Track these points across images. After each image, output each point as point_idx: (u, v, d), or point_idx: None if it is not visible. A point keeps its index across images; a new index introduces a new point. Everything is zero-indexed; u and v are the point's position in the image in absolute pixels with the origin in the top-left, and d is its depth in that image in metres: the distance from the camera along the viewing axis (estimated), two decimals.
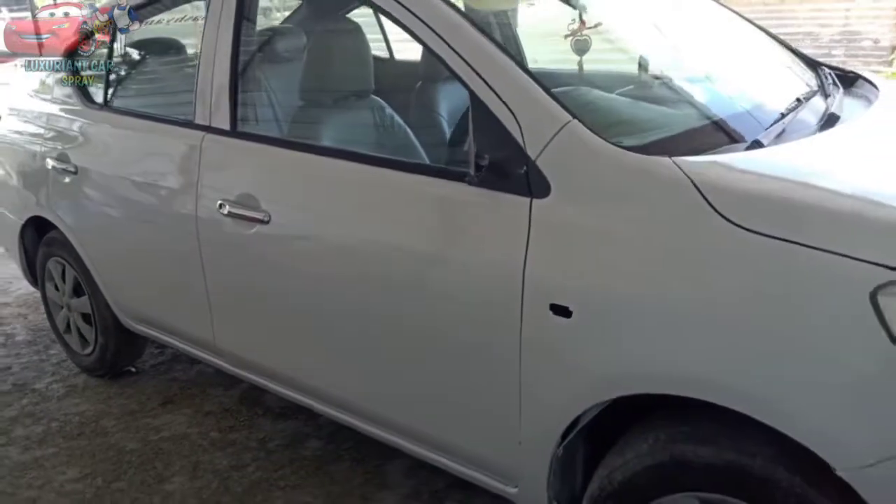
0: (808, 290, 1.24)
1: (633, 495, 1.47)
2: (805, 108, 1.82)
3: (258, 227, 2.01)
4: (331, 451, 2.47)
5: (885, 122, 1.81)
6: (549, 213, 1.51)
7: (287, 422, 2.65)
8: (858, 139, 1.68)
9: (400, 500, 2.22)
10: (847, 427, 1.20)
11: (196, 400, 2.87)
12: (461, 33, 1.66)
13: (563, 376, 1.51)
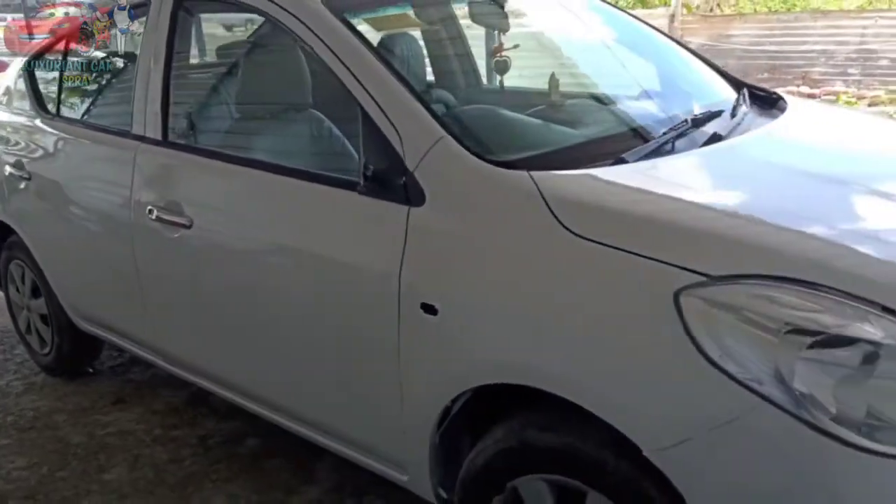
0: (625, 290, 1.45)
1: (491, 478, 1.69)
2: (691, 127, 2.02)
3: (182, 232, 2.27)
4: (266, 449, 2.70)
5: (760, 144, 2.01)
6: (422, 220, 1.74)
7: (229, 421, 2.88)
8: (723, 158, 1.89)
9: (323, 493, 2.45)
10: (652, 413, 1.41)
11: (146, 399, 3.13)
12: (356, 53, 1.90)
13: (433, 368, 1.74)
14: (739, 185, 1.76)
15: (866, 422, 1.28)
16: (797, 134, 2.15)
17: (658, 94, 2.45)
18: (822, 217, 1.58)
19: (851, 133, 2.29)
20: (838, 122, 2.43)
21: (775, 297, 1.34)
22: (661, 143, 1.88)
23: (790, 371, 1.29)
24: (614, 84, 2.56)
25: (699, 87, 2.54)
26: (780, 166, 1.88)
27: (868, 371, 1.31)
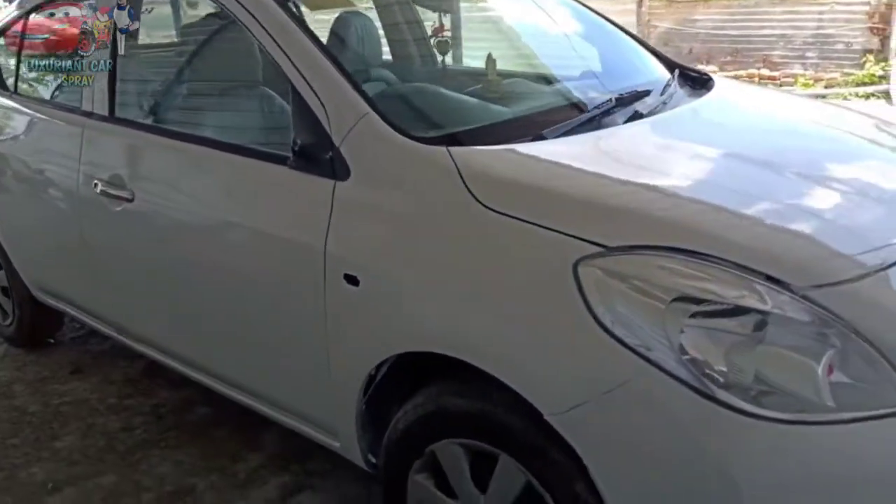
0: (529, 261, 1.48)
1: (411, 442, 1.71)
2: (616, 105, 2.03)
3: (124, 205, 2.27)
4: (216, 417, 2.71)
5: (678, 122, 2.03)
6: (347, 194, 1.75)
7: (182, 391, 2.88)
8: (638, 135, 1.91)
9: (267, 459, 2.47)
10: (551, 379, 1.44)
11: (104, 369, 3.13)
12: (287, 31, 1.90)
13: (356, 338, 1.76)
14: (647, 161, 1.78)
15: (753, 387, 1.31)
16: (716, 112, 2.17)
17: (593, 74, 2.45)
18: (719, 191, 1.61)
19: (769, 112, 2.32)
20: (759, 102, 2.45)
21: (664, 266, 1.37)
22: (582, 120, 1.90)
23: (676, 338, 1.32)
24: (553, 64, 2.59)
25: (634, 67, 2.56)
26: (692, 142, 1.91)
27: (755, 339, 1.34)
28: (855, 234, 1.51)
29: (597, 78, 2.43)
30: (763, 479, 1.29)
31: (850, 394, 1.32)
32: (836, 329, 1.32)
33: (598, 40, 2.70)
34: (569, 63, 2.60)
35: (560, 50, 2.70)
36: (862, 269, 1.39)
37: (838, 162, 1.85)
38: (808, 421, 1.30)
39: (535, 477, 1.51)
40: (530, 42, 2.76)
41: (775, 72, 9.09)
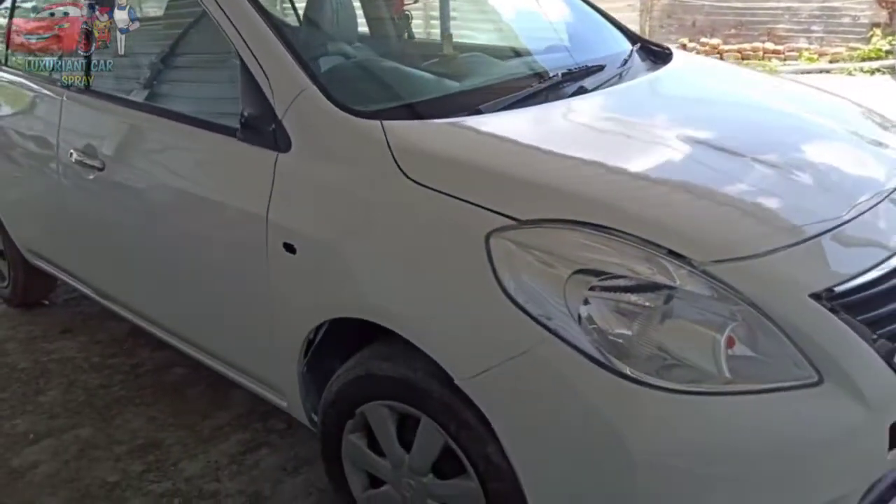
0: (447, 232, 1.50)
1: (343, 403, 1.75)
2: (565, 80, 2.03)
3: (96, 174, 2.30)
4: (190, 378, 2.77)
5: (620, 97, 2.02)
6: (288, 165, 1.76)
7: (161, 351, 2.94)
8: (577, 110, 1.90)
9: (233, 417, 2.52)
10: (461, 345, 1.46)
11: (91, 330, 3.20)
12: (240, 10, 1.90)
13: (294, 302, 1.78)
14: (573, 136, 1.78)
15: (654, 358, 1.32)
16: (661, 87, 2.16)
17: (554, 49, 2.44)
18: (636, 165, 1.60)
19: (717, 86, 2.29)
20: (711, 77, 2.41)
21: (569, 239, 1.38)
22: (522, 95, 1.89)
23: (576, 308, 1.33)
24: (516, 38, 2.56)
25: (597, 42, 2.53)
26: (628, 117, 1.90)
27: (662, 312, 1.35)
28: (766, 211, 1.50)
29: (556, 52, 2.42)
30: (655, 446, 1.30)
31: (749, 366, 1.33)
32: (737, 304, 1.32)
33: (564, 15, 2.67)
34: (533, 36, 2.59)
35: (526, 23, 2.68)
36: (765, 246, 1.39)
37: (772, 139, 1.83)
38: (703, 391, 1.31)
39: (452, 438, 1.54)
40: (497, 16, 2.73)
41: (779, 45, 8.93)
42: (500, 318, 1.39)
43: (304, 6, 2.66)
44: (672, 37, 9.63)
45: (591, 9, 2.69)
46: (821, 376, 1.32)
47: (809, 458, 1.34)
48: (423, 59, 2.40)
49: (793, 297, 1.34)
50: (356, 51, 2.30)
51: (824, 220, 1.47)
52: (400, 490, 1.71)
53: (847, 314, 1.36)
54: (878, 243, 1.50)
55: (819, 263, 1.41)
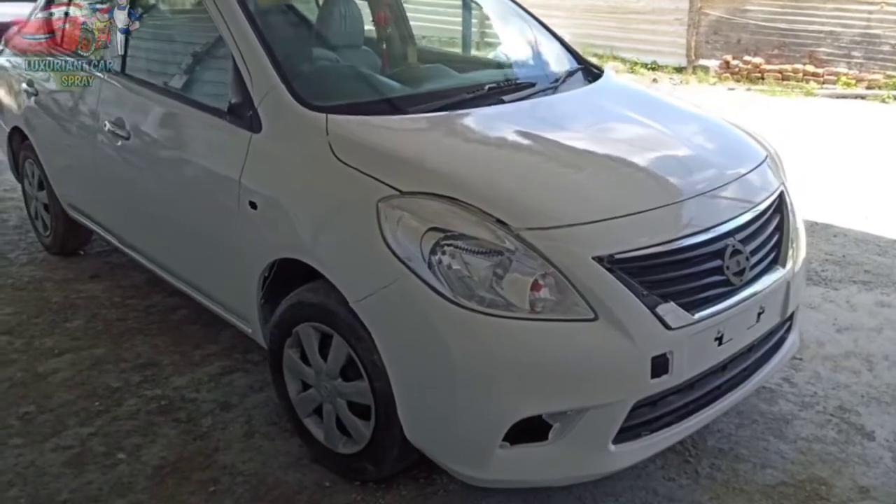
0: (354, 198, 2.19)
1: (284, 325, 2.45)
2: (489, 93, 2.72)
3: (123, 142, 3.08)
4: (191, 318, 3.53)
5: (525, 109, 2.69)
6: (259, 143, 2.49)
7: (172, 298, 3.71)
8: (484, 117, 2.57)
9: (220, 349, 3.26)
10: (356, 278, 2.15)
11: (116, 276, 4.00)
12: (236, 20, 2.64)
13: (254, 247, 2.50)
14: (465, 135, 2.48)
15: (482, 293, 1.98)
16: (566, 104, 2.80)
17: (503, 64, 3.14)
18: (497, 158, 2.32)
19: (611, 104, 2.91)
20: (615, 96, 3.02)
21: (430, 206, 2.07)
22: (445, 103, 2.59)
23: (427, 254, 2.01)
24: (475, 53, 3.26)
25: (544, 61, 3.22)
26: (517, 125, 2.55)
27: (498, 264, 2.01)
28: (578, 196, 2.17)
29: (504, 68, 3.13)
30: (471, 355, 1.98)
31: (547, 305, 2.00)
32: (541, 260, 1.99)
33: (525, 38, 3.36)
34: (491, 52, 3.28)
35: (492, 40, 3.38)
36: (565, 220, 2.06)
37: (620, 147, 2.48)
38: (510, 317, 1.98)
39: (352, 349, 2.23)
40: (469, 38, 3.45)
41: (819, 68, 9.36)
42: (380, 259, 2.07)
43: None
44: (717, 53, 10.14)
45: (551, 35, 3.37)
46: (596, 315, 1.98)
47: (585, 370, 2.00)
48: (391, 65, 3.15)
49: (580, 258, 2.00)
50: (338, 54, 3.00)
51: (624, 208, 2.14)
52: (320, 391, 2.41)
53: (624, 274, 2.02)
54: (665, 229, 2.15)
55: (606, 236, 2.06)
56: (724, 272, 2.16)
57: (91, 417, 2.81)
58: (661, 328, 2.01)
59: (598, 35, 11.08)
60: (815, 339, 3.33)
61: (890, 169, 6.02)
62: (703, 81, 9.91)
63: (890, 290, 3.83)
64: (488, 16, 3.73)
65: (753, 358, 2.39)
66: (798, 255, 2.49)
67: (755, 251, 2.28)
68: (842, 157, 6.37)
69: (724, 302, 2.14)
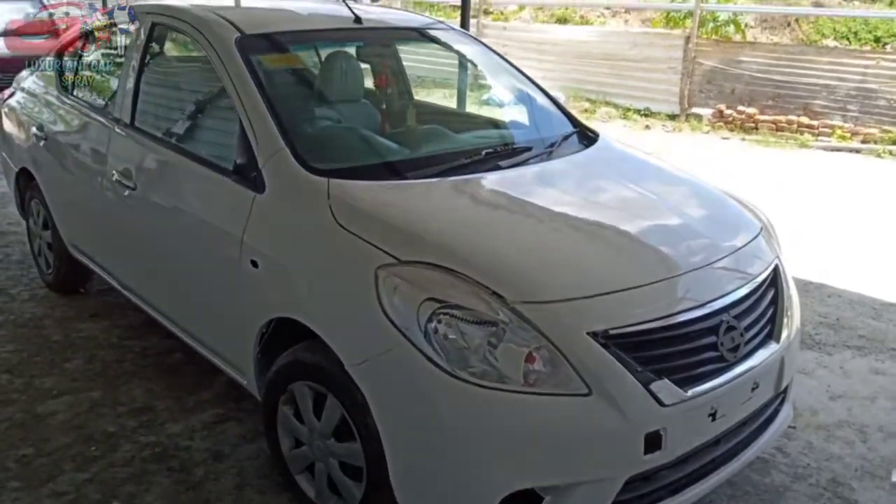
0: (353, 263, 2.21)
1: (279, 382, 2.46)
2: (487, 158, 2.76)
3: (130, 192, 3.11)
4: (187, 362, 3.53)
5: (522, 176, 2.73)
6: (262, 204, 2.52)
7: (168, 340, 3.70)
8: (480, 184, 2.62)
9: (213, 396, 3.27)
10: (352, 342, 2.17)
11: (115, 316, 4.01)
12: (244, 83, 2.69)
13: (253, 304, 2.52)
14: (462, 203, 2.51)
15: (477, 365, 2.00)
16: (561, 171, 2.83)
17: (497, 127, 3.19)
18: (493, 229, 2.34)
19: (603, 172, 2.94)
20: (607, 164, 3.05)
21: (428, 275, 2.10)
22: (444, 168, 2.63)
23: (423, 324, 2.04)
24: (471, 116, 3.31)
25: (538, 125, 3.26)
26: (516, 193, 2.59)
27: (494, 335, 2.03)
28: (573, 270, 2.20)
29: (501, 129, 3.17)
30: (463, 424, 1.99)
31: (540, 378, 2.01)
32: (535, 333, 2.01)
33: (520, 99, 3.41)
34: (488, 115, 3.33)
35: (487, 105, 3.43)
36: (561, 295, 2.08)
37: (618, 217, 2.51)
38: (503, 389, 1.99)
39: (346, 411, 2.24)
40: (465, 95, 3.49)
41: (814, 121, 9.45)
42: (376, 325, 2.09)
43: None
44: (711, 101, 10.24)
45: (546, 95, 3.42)
46: (590, 390, 2.00)
47: (577, 445, 2.01)
48: (391, 123, 3.20)
49: (574, 333, 2.02)
50: (339, 115, 3.05)
51: (620, 282, 2.16)
52: (312, 449, 2.42)
53: (618, 350, 2.03)
54: (661, 304, 2.17)
55: (601, 311, 2.08)
56: (718, 348, 2.18)
57: (87, 463, 2.82)
58: (655, 405, 2.02)
59: (592, 81, 11.18)
60: (808, 406, 3.31)
61: (885, 227, 6.05)
62: (696, 130, 9.99)
63: (884, 356, 3.82)
64: (484, 75, 3.78)
65: (747, 431, 2.39)
66: (792, 328, 2.51)
67: (750, 326, 2.30)
68: (837, 213, 6.41)
69: (717, 378, 2.16)
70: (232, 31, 2.88)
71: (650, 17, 14.76)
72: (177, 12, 3.22)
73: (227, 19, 2.97)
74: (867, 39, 14.42)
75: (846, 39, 14.29)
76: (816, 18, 14.96)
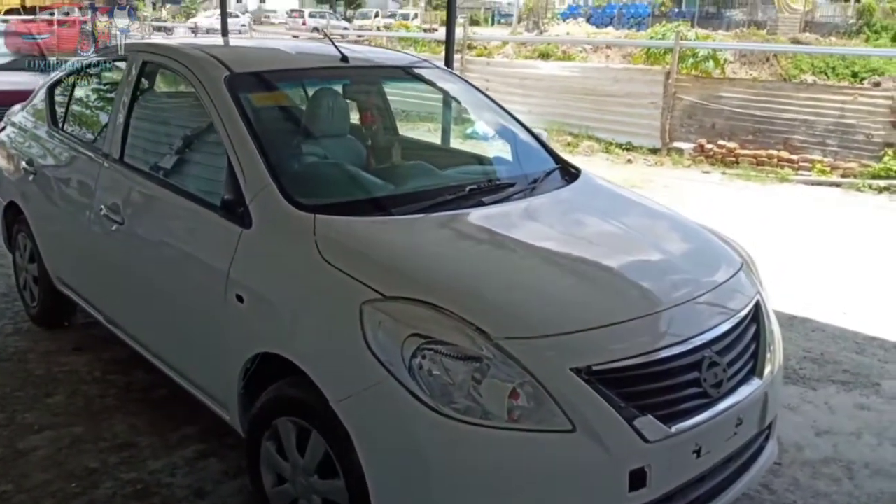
0: (338, 298, 2.21)
1: (264, 418, 2.44)
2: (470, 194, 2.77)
3: (117, 226, 3.10)
4: (170, 398, 3.48)
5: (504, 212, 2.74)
6: (248, 239, 2.52)
7: (152, 374, 3.64)
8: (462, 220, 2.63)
9: (196, 432, 3.23)
10: (336, 377, 2.16)
11: (98, 350, 3.97)
12: (233, 121, 2.70)
13: (237, 339, 2.51)
14: (445, 239, 2.52)
15: (461, 400, 2.00)
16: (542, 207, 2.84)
17: (481, 163, 3.21)
18: (476, 263, 2.36)
19: (583, 208, 2.96)
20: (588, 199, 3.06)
21: (412, 311, 2.09)
22: (429, 204, 2.64)
23: (408, 359, 2.03)
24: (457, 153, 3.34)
25: (522, 161, 3.29)
26: (498, 228, 2.61)
27: (477, 370, 2.03)
28: (555, 305, 2.20)
29: (485, 165, 3.19)
30: (449, 459, 1.98)
31: (524, 414, 2.01)
32: (519, 369, 2.01)
33: (503, 136, 3.44)
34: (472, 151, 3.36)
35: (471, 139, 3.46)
36: (543, 330, 2.08)
37: (600, 252, 2.53)
38: (487, 425, 1.98)
39: (330, 447, 2.22)
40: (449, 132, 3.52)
41: (794, 155, 9.57)
42: (361, 361, 2.09)
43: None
44: (692, 136, 10.36)
45: (528, 132, 3.45)
46: (574, 427, 1.99)
47: (561, 482, 2.00)
48: (376, 159, 3.22)
49: (557, 369, 2.02)
50: (326, 151, 3.06)
51: (603, 318, 2.16)
52: (295, 486, 2.39)
53: (601, 386, 2.03)
54: (643, 340, 2.18)
55: (584, 347, 2.09)
56: (701, 384, 2.18)
57: (67, 499, 2.78)
58: (639, 441, 2.01)
59: (574, 115, 11.27)
60: (793, 442, 3.30)
61: (867, 261, 6.11)
62: (677, 164, 10.08)
63: (869, 391, 3.82)
64: (468, 111, 3.82)
65: (732, 468, 2.38)
66: (775, 363, 2.51)
67: (732, 362, 2.31)
68: (819, 247, 6.46)
69: (701, 414, 2.15)
70: (221, 70, 2.90)
71: (631, 53, 14.98)
72: (167, 51, 3.25)
73: (217, 58, 2.99)
74: (845, 75, 14.72)
75: (824, 74, 14.58)
76: (794, 54, 15.26)
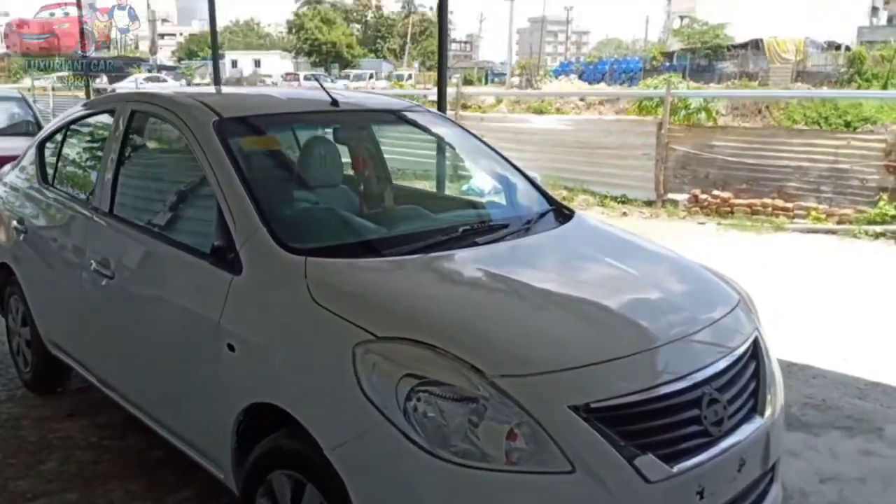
0: (331, 341, 2.17)
1: (257, 472, 2.37)
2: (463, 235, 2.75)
3: (107, 281, 3.07)
4: (166, 460, 3.40)
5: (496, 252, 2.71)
6: (239, 286, 2.49)
7: (146, 437, 3.58)
8: (454, 261, 2.61)
9: (192, 494, 3.15)
10: (331, 424, 2.10)
11: (93, 414, 3.90)
12: (222, 167, 2.69)
13: (229, 391, 2.45)
14: (437, 279, 2.50)
15: (457, 443, 1.94)
16: (535, 247, 2.84)
17: (474, 206, 3.21)
18: (469, 303, 2.32)
19: (576, 247, 2.94)
20: (582, 239, 3.05)
21: (405, 351, 2.05)
22: (421, 245, 2.62)
23: (402, 402, 1.98)
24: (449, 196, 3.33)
25: (515, 203, 3.28)
26: (491, 268, 2.57)
27: (473, 412, 1.98)
28: (551, 343, 2.16)
29: (478, 208, 3.19)
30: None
31: (522, 455, 1.95)
32: (517, 408, 1.95)
33: (497, 178, 3.44)
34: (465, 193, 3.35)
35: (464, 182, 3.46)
36: (540, 368, 2.04)
37: (593, 292, 2.50)
38: (485, 468, 1.92)
39: (325, 498, 2.15)
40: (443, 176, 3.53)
41: (789, 203, 9.57)
42: (355, 405, 2.03)
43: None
44: (685, 187, 10.38)
45: (522, 175, 3.45)
46: (574, 468, 1.92)
47: None
48: (369, 205, 3.22)
49: (555, 407, 1.97)
50: (316, 195, 3.05)
51: (600, 354, 2.12)
52: None
53: (600, 424, 1.97)
54: (641, 376, 2.13)
55: (582, 384, 2.04)
56: (702, 422, 2.12)
57: None
58: (640, 481, 1.95)
59: (568, 169, 11.29)
60: (798, 488, 3.21)
61: (865, 307, 6.04)
62: (672, 215, 10.08)
63: (872, 436, 3.74)
64: (461, 157, 3.83)
65: None
66: (776, 403, 2.45)
67: (733, 399, 2.25)
68: (817, 294, 6.40)
69: (703, 454, 2.09)
70: (210, 115, 2.91)
71: (623, 108, 15.18)
72: (155, 98, 3.27)
73: (205, 103, 3.01)
74: (837, 124, 14.83)
75: (816, 125, 14.68)
76: (787, 105, 15.41)
